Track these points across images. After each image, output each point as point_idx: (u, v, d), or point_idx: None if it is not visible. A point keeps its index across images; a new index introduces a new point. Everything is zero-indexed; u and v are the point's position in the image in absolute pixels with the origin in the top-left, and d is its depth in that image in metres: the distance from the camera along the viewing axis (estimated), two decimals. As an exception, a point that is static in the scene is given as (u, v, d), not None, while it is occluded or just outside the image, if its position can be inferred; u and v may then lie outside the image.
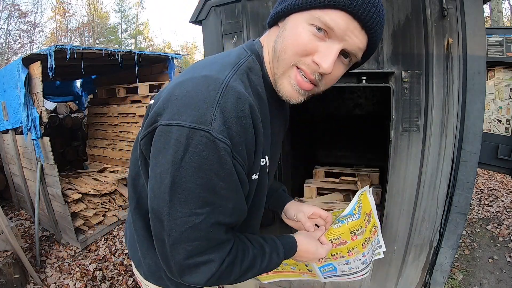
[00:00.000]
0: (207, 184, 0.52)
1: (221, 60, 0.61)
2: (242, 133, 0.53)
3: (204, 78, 0.54)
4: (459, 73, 1.43)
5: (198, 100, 0.51)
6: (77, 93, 5.46)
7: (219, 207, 0.56)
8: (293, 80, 0.60)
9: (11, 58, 16.01)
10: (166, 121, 0.52)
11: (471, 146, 1.47)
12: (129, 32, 23.67)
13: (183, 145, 0.50)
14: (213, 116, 0.50)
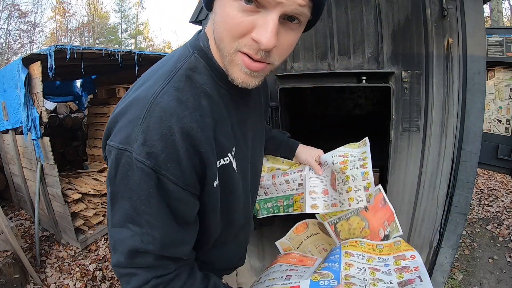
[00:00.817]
0: (133, 203, 0.53)
1: (158, 69, 0.61)
2: (171, 149, 0.51)
3: (133, 101, 0.54)
4: (459, 73, 1.43)
5: (126, 122, 0.52)
6: (77, 93, 5.46)
7: (146, 233, 0.54)
8: (242, 65, 0.55)
9: (11, 58, 16.01)
10: (109, 141, 0.55)
11: (471, 146, 1.47)
12: (129, 32, 23.67)
13: (115, 164, 0.53)
14: (136, 137, 0.50)
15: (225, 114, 0.62)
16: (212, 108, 0.58)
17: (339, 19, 1.57)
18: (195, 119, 0.54)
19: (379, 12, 1.49)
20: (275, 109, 1.71)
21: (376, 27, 1.51)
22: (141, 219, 0.54)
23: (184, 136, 0.52)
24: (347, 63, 1.60)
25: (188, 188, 0.55)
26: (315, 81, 1.63)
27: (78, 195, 3.20)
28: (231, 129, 0.64)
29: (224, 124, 0.62)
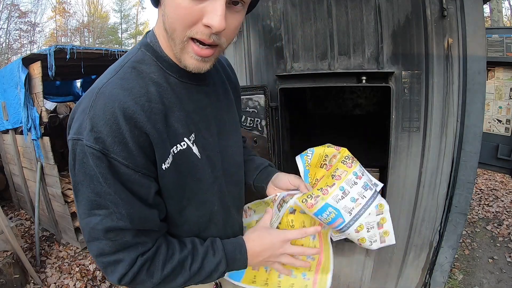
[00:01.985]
0: (94, 188, 0.56)
1: (111, 67, 0.64)
2: (116, 132, 0.54)
3: (85, 95, 0.59)
4: (459, 73, 1.43)
5: (78, 113, 0.57)
6: (77, 93, 5.46)
7: (115, 212, 0.57)
8: (192, 52, 0.58)
9: (11, 58, 16.01)
10: (68, 133, 0.58)
11: (471, 146, 1.47)
12: (129, 32, 23.67)
13: (72, 155, 0.57)
14: (85, 125, 0.54)
15: (176, 101, 0.64)
16: (161, 95, 0.61)
17: (339, 19, 1.57)
18: (139, 103, 0.57)
19: (379, 12, 1.49)
20: (275, 109, 1.71)
21: (376, 27, 1.51)
22: (105, 201, 0.56)
23: (127, 119, 0.54)
24: (347, 63, 1.60)
25: (139, 169, 0.57)
26: (315, 81, 1.63)
27: (78, 195, 3.20)
28: (185, 116, 0.65)
29: (176, 109, 0.63)
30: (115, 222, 0.57)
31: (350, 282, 1.92)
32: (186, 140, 0.65)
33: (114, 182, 0.56)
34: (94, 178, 0.55)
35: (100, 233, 0.57)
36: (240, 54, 1.84)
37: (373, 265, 1.83)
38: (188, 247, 0.67)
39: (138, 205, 0.59)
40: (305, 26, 1.65)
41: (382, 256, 1.79)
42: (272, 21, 1.72)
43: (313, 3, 1.60)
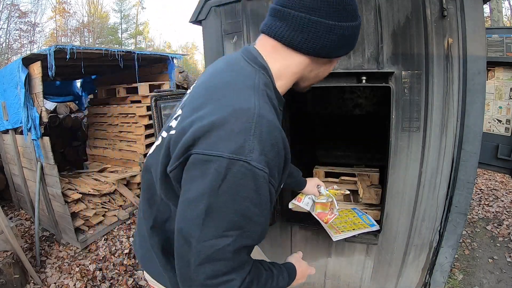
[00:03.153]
0: (242, 210, 0.56)
1: (235, 82, 0.65)
2: (276, 158, 0.58)
3: (234, 112, 0.57)
4: (459, 73, 1.43)
5: (234, 132, 0.55)
6: (77, 93, 5.46)
7: (248, 231, 0.58)
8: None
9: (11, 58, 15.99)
10: (202, 150, 0.56)
11: (471, 146, 1.47)
12: (129, 32, 23.65)
13: (222, 174, 0.54)
14: (251, 147, 0.54)
15: None
16: (278, 121, 0.68)
17: (339, 19, 1.56)
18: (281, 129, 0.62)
19: (379, 12, 1.49)
20: (275, 109, 1.71)
21: (376, 27, 1.51)
22: (246, 221, 0.57)
23: (284, 145, 0.60)
24: (347, 63, 1.60)
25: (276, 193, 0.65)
26: (315, 81, 1.63)
27: (78, 195, 3.20)
28: None
29: None
30: (245, 240, 0.58)
31: (350, 282, 1.92)
32: None
33: (267, 204, 0.59)
34: (247, 200, 0.55)
35: (227, 253, 0.57)
36: (240, 54, 1.84)
37: (373, 265, 1.83)
38: (266, 268, 0.73)
39: (264, 224, 0.62)
40: (305, 26, 1.64)
41: (382, 256, 1.79)
42: (272, 21, 1.71)
43: (313, 3, 1.60)
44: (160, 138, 0.75)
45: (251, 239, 0.59)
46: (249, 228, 0.58)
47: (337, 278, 1.94)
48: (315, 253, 1.92)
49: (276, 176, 0.60)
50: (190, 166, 0.58)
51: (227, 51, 1.87)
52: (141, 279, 2.61)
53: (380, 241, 1.75)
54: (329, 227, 1.54)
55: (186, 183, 0.59)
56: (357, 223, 1.61)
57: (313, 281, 2.00)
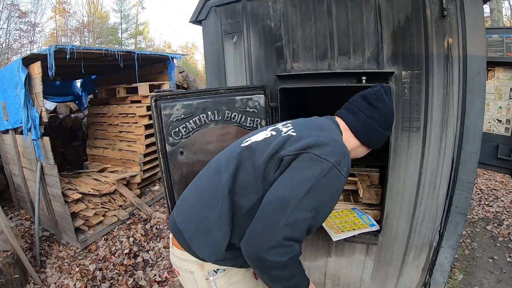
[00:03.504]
0: (327, 198, 0.90)
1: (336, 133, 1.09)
2: (345, 180, 0.94)
3: (341, 145, 0.99)
4: (459, 73, 1.43)
5: (337, 152, 0.93)
6: (77, 93, 5.46)
7: (323, 217, 0.91)
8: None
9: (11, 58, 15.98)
10: (318, 154, 0.90)
11: (471, 146, 1.47)
12: (129, 32, 23.63)
13: (326, 171, 0.88)
14: (344, 165, 0.92)
15: None
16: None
17: (339, 19, 1.57)
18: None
19: (379, 12, 1.49)
20: (275, 109, 1.71)
21: (376, 27, 1.51)
22: (321, 207, 0.88)
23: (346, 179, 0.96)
24: (347, 63, 1.60)
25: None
26: (315, 81, 1.63)
27: (78, 195, 3.20)
28: None
29: None
30: (316, 222, 0.88)
31: (350, 282, 1.92)
32: None
33: (336, 200, 0.96)
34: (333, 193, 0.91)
35: (305, 225, 0.85)
36: (240, 54, 1.84)
37: (373, 265, 1.83)
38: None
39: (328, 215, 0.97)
40: (305, 26, 1.65)
41: (382, 256, 1.79)
42: (272, 21, 1.72)
43: (313, 3, 1.60)
44: (269, 133, 1.08)
45: (316, 222, 0.88)
46: (324, 212, 0.91)
47: (337, 278, 1.94)
48: (315, 253, 1.92)
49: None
50: (305, 159, 0.90)
51: (227, 51, 1.87)
52: (141, 279, 2.61)
53: (380, 241, 1.75)
54: (329, 227, 1.55)
55: (297, 168, 0.90)
56: (357, 223, 1.62)
57: (313, 281, 2.00)
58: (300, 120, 1.17)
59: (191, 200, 1.10)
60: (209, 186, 1.05)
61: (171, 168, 1.47)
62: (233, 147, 1.12)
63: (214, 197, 1.01)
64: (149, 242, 3.23)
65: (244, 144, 1.07)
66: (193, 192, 1.12)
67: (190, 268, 1.06)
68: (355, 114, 1.12)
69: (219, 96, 1.56)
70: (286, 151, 0.94)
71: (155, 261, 2.91)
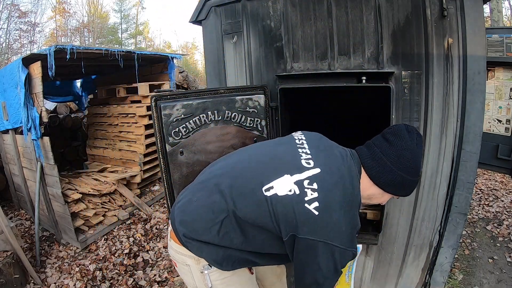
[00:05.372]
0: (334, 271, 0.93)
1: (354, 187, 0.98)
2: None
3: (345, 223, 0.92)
4: (459, 73, 1.43)
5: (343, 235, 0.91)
6: (77, 93, 5.46)
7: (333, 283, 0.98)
8: None
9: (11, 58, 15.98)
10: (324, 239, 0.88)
11: (471, 146, 1.47)
12: (129, 32, 23.62)
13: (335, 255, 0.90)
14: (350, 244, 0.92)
15: None
16: None
17: (339, 19, 1.57)
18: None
19: (379, 12, 1.49)
20: (275, 109, 1.71)
21: (376, 27, 1.51)
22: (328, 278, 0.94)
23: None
24: (347, 63, 1.60)
25: None
26: (315, 81, 1.63)
27: (78, 195, 3.20)
28: None
29: None
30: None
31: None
32: None
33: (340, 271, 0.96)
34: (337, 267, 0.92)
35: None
36: (240, 54, 1.84)
37: (373, 265, 1.83)
38: None
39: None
40: (305, 26, 1.65)
41: (382, 256, 1.79)
42: (272, 21, 1.72)
43: (313, 3, 1.60)
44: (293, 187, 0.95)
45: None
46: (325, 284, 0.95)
47: (337, 278, 1.94)
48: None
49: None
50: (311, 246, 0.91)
51: (227, 51, 1.87)
52: (141, 279, 2.61)
53: (380, 241, 1.75)
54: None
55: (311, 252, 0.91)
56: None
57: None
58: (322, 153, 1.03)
59: (193, 205, 1.06)
60: (215, 204, 1.00)
61: (171, 168, 1.47)
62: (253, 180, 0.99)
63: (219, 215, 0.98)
64: (149, 242, 3.23)
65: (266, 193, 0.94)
66: (198, 198, 1.06)
67: (186, 261, 1.08)
68: (370, 149, 1.04)
69: (219, 96, 1.56)
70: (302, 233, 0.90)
71: (155, 261, 2.91)
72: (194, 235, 1.02)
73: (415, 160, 0.99)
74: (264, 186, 0.95)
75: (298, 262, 0.93)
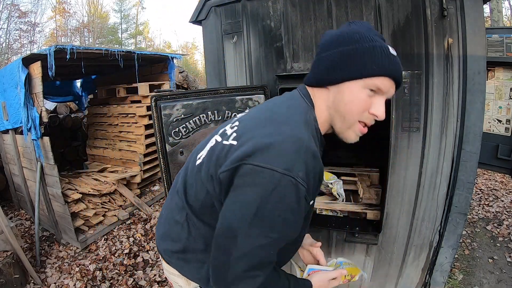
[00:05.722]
0: (284, 216, 0.68)
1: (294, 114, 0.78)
2: (313, 181, 0.71)
3: (291, 137, 0.70)
4: (459, 73, 1.43)
5: (288, 154, 0.68)
6: (77, 93, 5.46)
7: (285, 236, 0.73)
8: (358, 131, 0.81)
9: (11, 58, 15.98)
10: (258, 163, 0.67)
11: (471, 146, 1.47)
12: (129, 32, 23.63)
13: (273, 184, 0.66)
14: (299, 168, 0.67)
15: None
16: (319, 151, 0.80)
17: (339, 19, 1.57)
18: (321, 164, 0.74)
19: (379, 12, 1.49)
20: (275, 109, 1.71)
21: (376, 27, 1.51)
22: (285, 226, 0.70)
23: (320, 174, 0.74)
24: (347, 63, 1.59)
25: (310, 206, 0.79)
26: (315, 81, 1.63)
27: (78, 195, 3.20)
28: None
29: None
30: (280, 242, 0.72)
31: (350, 282, 1.92)
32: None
33: (301, 212, 0.72)
34: (289, 208, 0.68)
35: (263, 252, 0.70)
36: (240, 54, 1.84)
37: (373, 265, 1.83)
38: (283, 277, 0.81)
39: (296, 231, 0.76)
40: (305, 26, 1.65)
41: (382, 256, 1.79)
42: (272, 21, 1.72)
43: (313, 3, 1.60)
44: (214, 140, 0.85)
45: (284, 242, 0.73)
46: (286, 232, 0.72)
47: (337, 278, 1.94)
48: (315, 253, 1.93)
49: (311, 194, 0.73)
50: (243, 174, 0.69)
51: (227, 51, 1.87)
52: (141, 279, 2.61)
53: (380, 241, 1.75)
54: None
55: (238, 188, 0.70)
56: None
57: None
58: (253, 111, 0.89)
59: (163, 216, 0.99)
60: (177, 205, 0.93)
61: (171, 168, 1.48)
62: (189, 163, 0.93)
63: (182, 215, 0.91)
64: (149, 242, 3.23)
65: (197, 161, 0.87)
66: (165, 207, 1.01)
67: (178, 282, 0.98)
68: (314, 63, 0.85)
69: (219, 96, 1.56)
70: (223, 167, 0.73)
71: (155, 261, 2.91)
72: (172, 246, 0.94)
73: (349, 32, 0.80)
74: (197, 161, 0.87)
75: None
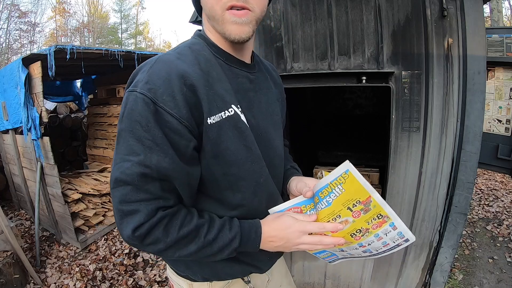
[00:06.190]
0: (135, 133, 0.60)
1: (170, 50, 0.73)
2: (167, 86, 0.61)
3: (147, 61, 0.67)
4: (459, 73, 1.43)
5: (139, 75, 0.64)
6: (77, 93, 5.45)
7: (147, 159, 0.60)
8: (230, 17, 0.66)
9: (11, 58, 16.00)
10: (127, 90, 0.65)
11: (471, 146, 1.47)
12: (129, 32, 23.65)
13: (124, 105, 0.63)
14: (141, 80, 0.62)
15: (222, 76, 0.70)
16: (210, 67, 0.69)
17: (339, 19, 1.57)
18: (191, 69, 0.64)
19: (379, 12, 1.49)
20: (275, 109, 1.71)
21: (376, 27, 1.51)
22: (141, 145, 0.60)
23: (179, 77, 0.62)
24: (347, 63, 1.60)
25: (183, 121, 0.61)
26: (315, 81, 1.63)
27: (78, 195, 3.20)
28: (231, 89, 0.71)
29: (222, 82, 0.70)
30: (145, 169, 0.60)
31: (350, 282, 1.92)
32: (234, 107, 0.69)
33: (155, 127, 0.60)
34: (138, 123, 0.60)
35: (128, 177, 0.60)
36: (240, 54, 1.84)
37: (373, 265, 1.83)
38: (205, 217, 0.69)
39: (172, 156, 0.61)
40: (305, 26, 1.65)
41: (382, 256, 1.79)
42: (272, 21, 1.72)
43: (313, 3, 1.60)
44: None
45: (150, 169, 0.60)
46: (146, 154, 0.60)
47: (337, 278, 1.94)
48: (315, 253, 1.93)
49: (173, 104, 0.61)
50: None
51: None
52: (141, 279, 2.61)
53: (380, 241, 1.75)
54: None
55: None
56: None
57: (313, 281, 2.00)
58: None
59: None
60: None
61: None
62: None
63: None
64: (149, 242, 3.23)
65: None
66: None
67: (180, 283, 0.88)
68: None
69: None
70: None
71: (155, 261, 2.91)
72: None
73: None
74: None
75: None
